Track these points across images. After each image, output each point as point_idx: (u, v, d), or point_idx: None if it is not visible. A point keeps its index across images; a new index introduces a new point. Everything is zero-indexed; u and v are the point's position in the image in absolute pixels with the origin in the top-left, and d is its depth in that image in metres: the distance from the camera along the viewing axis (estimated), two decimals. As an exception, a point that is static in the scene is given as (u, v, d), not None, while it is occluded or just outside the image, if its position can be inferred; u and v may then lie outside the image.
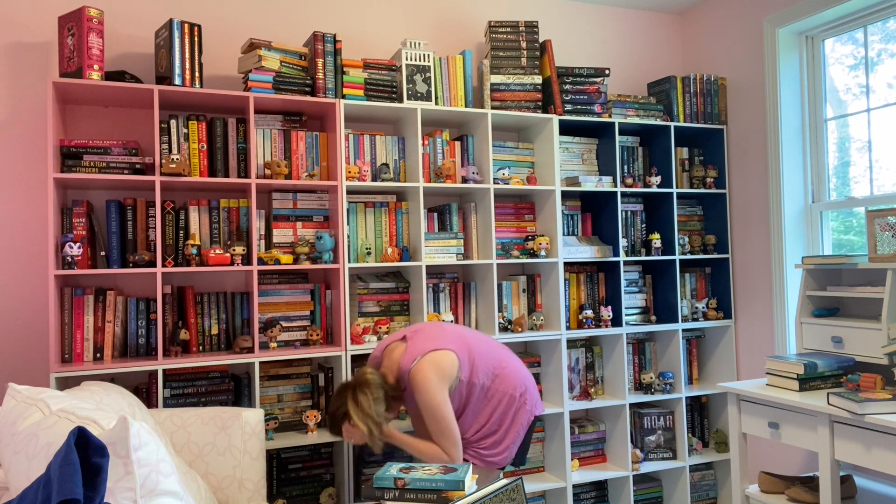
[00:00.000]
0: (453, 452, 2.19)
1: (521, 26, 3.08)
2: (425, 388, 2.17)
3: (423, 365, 2.20)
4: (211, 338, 2.67)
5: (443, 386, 2.19)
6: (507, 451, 2.34)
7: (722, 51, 3.50)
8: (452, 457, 2.19)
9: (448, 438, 2.18)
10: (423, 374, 2.18)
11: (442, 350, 2.24)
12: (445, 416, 2.18)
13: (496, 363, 2.36)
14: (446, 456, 2.19)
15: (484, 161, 2.98)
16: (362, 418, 2.16)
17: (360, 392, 2.19)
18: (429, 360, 2.21)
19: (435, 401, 2.17)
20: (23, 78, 2.57)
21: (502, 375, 2.35)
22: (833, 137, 3.12)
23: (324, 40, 2.72)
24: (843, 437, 2.23)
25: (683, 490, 3.24)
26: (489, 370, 2.33)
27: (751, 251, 3.33)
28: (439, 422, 2.17)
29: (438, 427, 2.18)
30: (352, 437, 2.23)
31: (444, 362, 2.21)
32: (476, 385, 2.30)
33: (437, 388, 2.18)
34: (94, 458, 1.09)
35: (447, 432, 2.18)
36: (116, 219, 2.53)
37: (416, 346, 2.27)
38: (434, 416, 2.17)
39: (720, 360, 3.47)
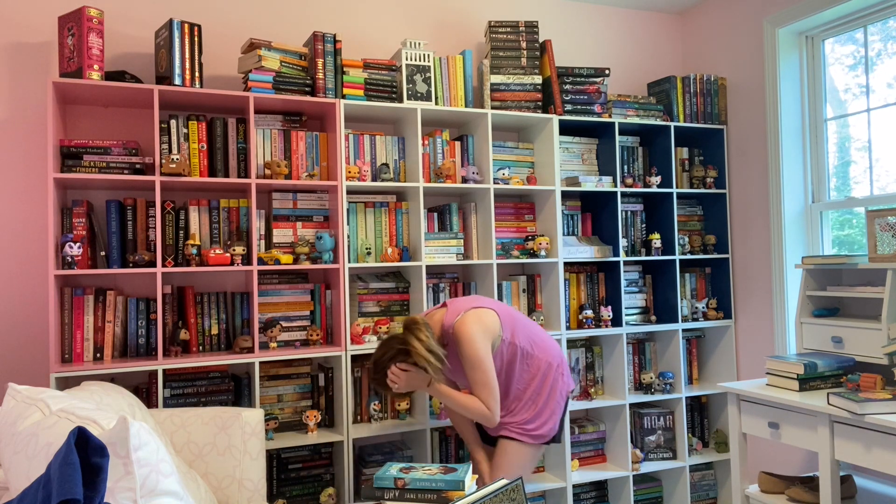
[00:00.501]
0: (492, 404, 2.20)
1: (521, 26, 3.08)
2: (469, 339, 2.18)
3: (466, 318, 2.23)
4: (211, 338, 2.67)
5: (486, 340, 2.21)
6: (549, 421, 2.34)
7: (722, 51, 3.50)
8: (491, 408, 2.19)
9: (488, 389, 2.19)
10: (467, 326, 2.20)
11: (484, 308, 2.28)
12: (487, 369, 2.19)
13: (534, 333, 2.39)
14: (485, 409, 2.19)
15: (484, 161, 2.98)
16: (426, 351, 2.14)
17: (417, 329, 2.19)
18: (472, 315, 2.24)
19: (479, 352, 2.18)
20: (23, 78, 2.57)
21: (540, 345, 2.37)
22: (833, 137, 3.12)
23: (324, 40, 2.72)
24: (843, 437, 2.23)
25: (683, 490, 3.24)
26: (528, 337, 2.35)
27: (751, 251, 3.33)
28: (482, 372, 2.18)
29: (480, 378, 2.18)
30: (398, 381, 2.19)
31: (487, 319, 2.25)
32: (518, 347, 2.31)
33: (481, 341, 2.20)
34: (94, 458, 1.09)
35: (488, 383, 2.19)
36: (116, 219, 2.53)
37: (458, 306, 2.30)
38: (477, 366, 2.18)
39: (720, 360, 3.47)
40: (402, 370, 2.20)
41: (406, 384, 2.21)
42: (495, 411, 2.20)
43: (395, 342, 2.22)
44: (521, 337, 2.34)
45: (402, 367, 2.19)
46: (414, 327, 2.21)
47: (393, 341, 2.23)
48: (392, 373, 2.21)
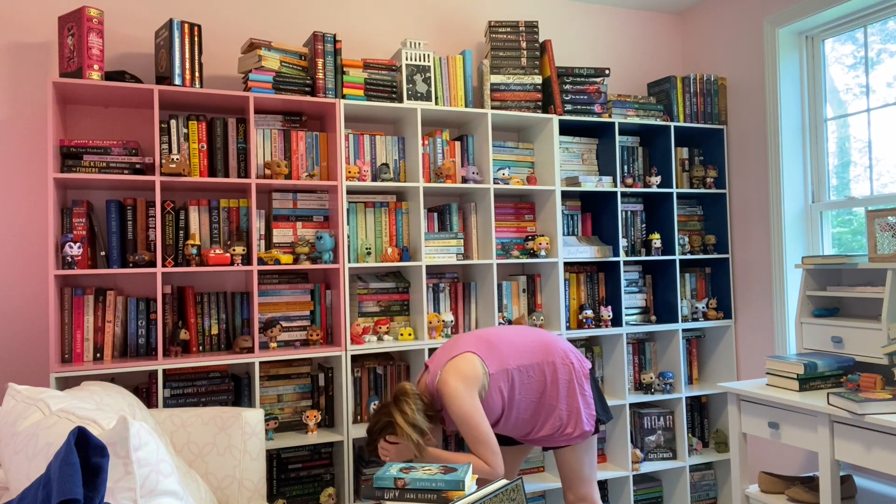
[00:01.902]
0: (491, 459, 2.13)
1: (521, 26, 3.08)
2: (453, 397, 2.14)
3: (445, 376, 2.18)
4: (211, 338, 2.67)
5: (470, 391, 2.15)
6: (582, 415, 2.28)
7: (722, 51, 3.50)
8: (492, 464, 2.13)
9: (484, 445, 2.13)
10: (448, 384, 2.16)
11: (458, 355, 2.22)
12: (478, 423, 2.13)
13: (523, 343, 2.32)
14: (486, 466, 2.12)
15: (484, 161, 2.98)
16: (407, 426, 2.12)
17: (403, 402, 2.16)
18: (448, 370, 2.19)
19: (464, 408, 2.13)
20: (23, 78, 2.57)
21: (535, 351, 2.30)
22: (833, 137, 3.12)
23: (324, 40, 2.72)
24: (843, 437, 2.23)
25: (683, 490, 3.24)
26: (518, 352, 2.28)
27: (751, 251, 3.33)
28: (473, 429, 2.13)
29: (473, 434, 2.13)
30: (389, 454, 2.19)
31: (462, 366, 2.19)
32: (512, 370, 2.24)
33: (465, 395, 2.14)
34: (94, 458, 1.09)
35: (482, 439, 2.13)
36: (116, 219, 2.53)
37: (435, 365, 2.26)
38: (467, 423, 2.13)
39: (720, 360, 3.47)
40: (391, 443, 2.18)
41: (397, 456, 2.19)
42: (496, 465, 2.13)
43: (383, 414, 2.20)
44: (511, 358, 2.27)
45: (391, 441, 2.18)
46: (401, 399, 2.18)
47: (382, 412, 2.21)
48: (382, 447, 2.21)
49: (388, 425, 2.17)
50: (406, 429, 2.12)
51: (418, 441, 2.12)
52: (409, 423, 2.12)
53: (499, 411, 2.25)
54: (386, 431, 2.18)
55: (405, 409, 2.15)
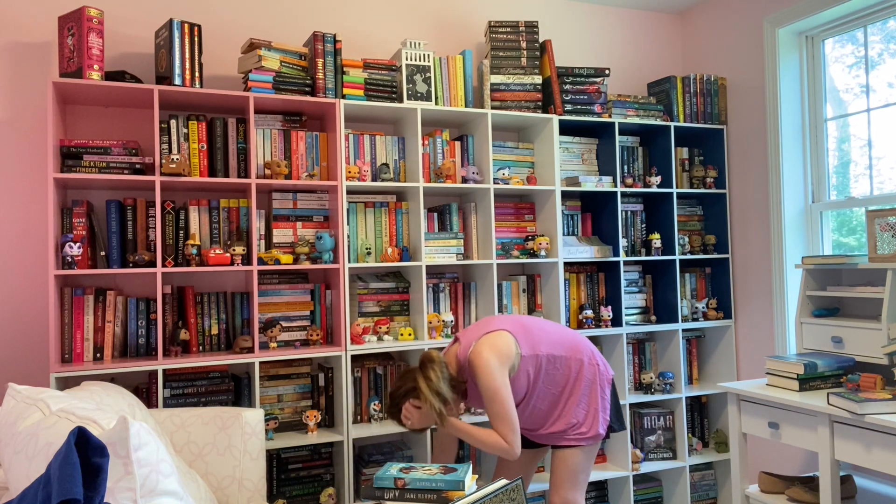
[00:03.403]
0: (511, 437, 2.12)
1: (521, 26, 3.08)
2: (484, 369, 2.13)
3: (479, 347, 2.17)
4: (211, 338, 2.67)
5: (502, 368, 2.15)
6: (597, 418, 2.27)
7: (722, 51, 3.50)
8: (510, 442, 2.11)
9: (505, 422, 2.12)
10: (481, 356, 2.15)
11: (495, 331, 2.22)
12: (504, 399, 2.12)
13: (555, 334, 2.31)
14: (504, 443, 2.11)
15: (484, 161, 2.98)
16: (431, 392, 2.12)
17: (428, 368, 2.17)
18: (483, 342, 2.18)
19: (494, 382, 2.12)
20: (23, 78, 2.57)
21: (565, 344, 2.30)
22: (833, 137, 3.12)
23: (324, 40, 2.72)
24: (843, 437, 2.23)
25: (683, 490, 3.24)
26: (549, 341, 2.28)
27: (751, 251, 3.33)
28: (498, 404, 2.12)
29: (497, 410, 2.12)
30: (411, 418, 2.19)
31: (498, 342, 2.18)
32: (542, 356, 2.24)
33: (496, 370, 2.13)
34: (94, 458, 1.09)
35: (505, 416, 2.12)
36: (116, 219, 2.53)
37: (469, 337, 2.26)
38: (493, 398, 2.12)
39: (720, 360, 3.47)
40: (414, 407, 2.18)
41: (419, 421, 2.19)
42: (514, 444, 2.12)
43: (409, 379, 2.20)
44: (543, 345, 2.27)
45: (414, 405, 2.18)
46: (427, 365, 2.18)
47: (407, 377, 2.21)
48: (406, 409, 2.20)
49: (411, 391, 2.17)
50: (429, 395, 2.12)
51: (441, 409, 2.12)
52: (432, 391, 2.12)
53: (522, 395, 2.25)
54: (409, 396, 2.17)
55: (430, 376, 2.15)
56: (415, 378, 2.17)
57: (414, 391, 2.17)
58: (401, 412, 2.22)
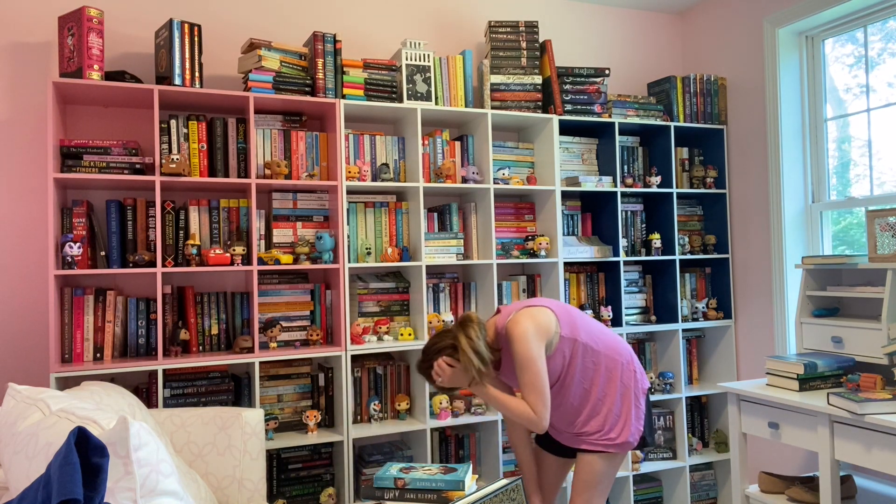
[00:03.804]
0: (540, 408, 2.06)
1: (521, 26, 3.08)
2: (522, 337, 2.09)
3: (518, 317, 2.14)
4: (211, 338, 2.67)
5: (539, 339, 2.11)
6: (626, 426, 2.20)
7: (722, 51, 3.50)
8: (538, 412, 2.05)
9: (537, 392, 2.06)
10: (520, 324, 2.11)
11: (538, 307, 2.19)
12: (538, 371, 2.08)
13: (596, 329, 2.27)
14: (531, 412, 2.06)
15: (484, 161, 2.98)
16: (471, 350, 2.09)
17: (469, 327, 2.14)
18: (524, 313, 2.15)
19: (530, 352, 2.08)
20: (23, 78, 2.57)
21: (604, 341, 2.25)
22: (833, 137, 3.12)
23: (324, 40, 2.72)
24: (843, 437, 2.23)
25: (683, 490, 3.24)
26: (589, 333, 2.23)
27: (751, 251, 3.33)
28: (531, 374, 2.07)
29: (529, 380, 2.07)
30: (442, 375, 2.15)
31: (540, 317, 2.14)
32: (579, 343, 2.19)
33: (533, 340, 2.09)
34: (94, 458, 1.09)
35: (537, 386, 2.06)
36: (116, 219, 2.53)
37: (510, 308, 2.23)
38: (527, 367, 2.07)
39: (720, 360, 3.47)
40: (448, 365, 2.14)
41: (449, 380, 2.15)
42: (543, 416, 2.05)
43: (447, 336, 2.17)
44: (582, 333, 2.21)
45: (448, 363, 2.14)
46: (467, 325, 2.15)
47: (446, 335, 2.18)
48: (438, 366, 2.15)
49: (448, 347, 2.14)
50: (469, 353, 2.09)
51: (480, 367, 2.10)
52: (472, 349, 2.10)
53: (555, 378, 2.19)
54: (444, 353, 2.14)
55: (471, 335, 2.12)
56: (454, 336, 2.14)
57: (450, 348, 2.13)
58: (432, 368, 2.17)
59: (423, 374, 2.21)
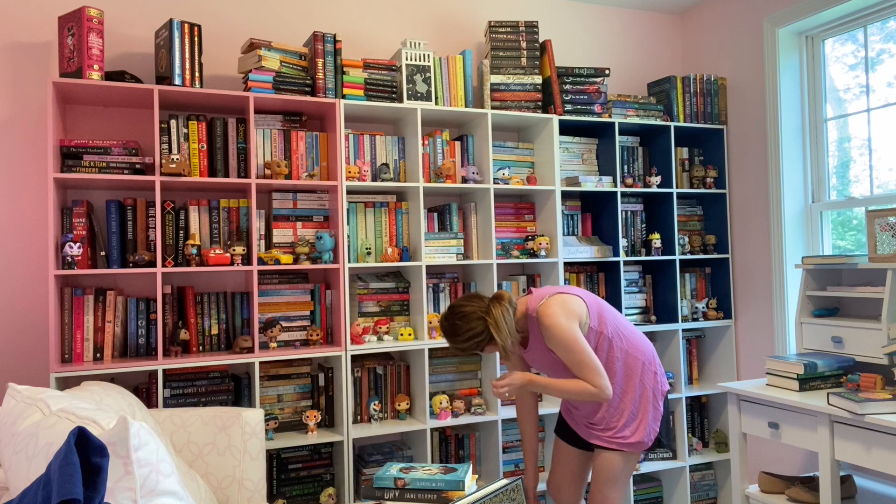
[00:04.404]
0: (597, 380, 2.07)
1: (521, 26, 3.08)
2: (556, 324, 2.11)
3: (550, 302, 2.16)
4: (211, 338, 2.67)
5: (573, 322, 2.13)
6: (642, 426, 2.21)
7: (722, 51, 3.50)
8: (598, 385, 2.07)
9: (588, 368, 2.07)
10: (552, 311, 2.13)
11: (569, 294, 2.21)
12: (583, 347, 2.09)
13: (622, 325, 2.28)
14: (592, 387, 2.07)
15: (484, 161, 2.98)
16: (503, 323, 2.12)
17: (500, 304, 2.16)
18: (557, 300, 2.16)
19: (569, 334, 2.09)
20: (23, 78, 2.57)
21: (628, 339, 2.26)
22: (833, 137, 3.12)
23: (324, 40, 2.72)
24: (843, 437, 2.23)
25: (683, 490, 3.24)
26: (616, 328, 2.24)
27: (751, 251, 3.33)
28: (575, 353, 2.08)
29: (577, 358, 2.08)
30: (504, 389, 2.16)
31: (572, 303, 2.16)
32: (605, 337, 2.21)
33: (569, 323, 2.11)
34: (94, 458, 1.09)
35: (586, 361, 2.08)
36: (116, 219, 2.53)
37: (543, 292, 2.24)
38: (571, 347, 2.09)
39: (720, 360, 3.47)
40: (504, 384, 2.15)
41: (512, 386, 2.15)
42: (602, 386, 2.06)
43: (478, 308, 2.17)
44: (609, 327, 2.22)
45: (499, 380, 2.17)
46: (499, 301, 2.17)
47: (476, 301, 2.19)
48: (498, 386, 2.16)
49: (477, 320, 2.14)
50: (500, 322, 2.12)
51: (506, 344, 2.13)
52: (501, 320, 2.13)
53: None
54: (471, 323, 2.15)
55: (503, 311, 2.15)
56: (486, 310, 2.16)
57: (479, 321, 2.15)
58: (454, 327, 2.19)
59: (444, 334, 2.23)
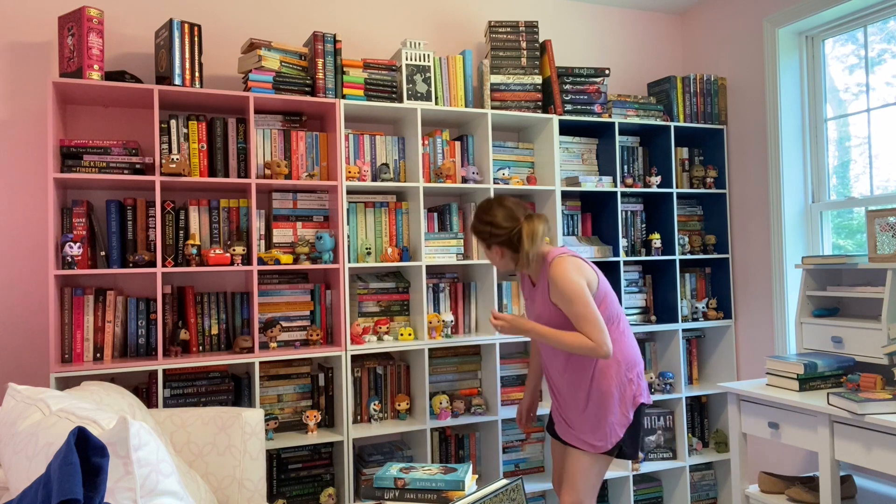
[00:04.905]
0: (597, 335, 2.08)
1: (521, 26, 3.08)
2: (565, 275, 2.15)
3: (565, 258, 2.21)
4: (211, 338, 2.67)
5: (582, 279, 2.16)
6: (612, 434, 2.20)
7: (722, 51, 3.50)
8: (597, 340, 2.09)
9: (589, 322, 2.10)
10: (565, 265, 2.18)
11: (585, 262, 2.26)
12: (588, 301, 2.12)
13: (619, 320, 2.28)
14: (589, 341, 2.09)
15: (484, 161, 2.98)
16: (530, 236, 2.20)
17: (538, 224, 2.23)
18: (571, 259, 2.22)
19: (576, 286, 2.13)
20: (23, 78, 2.57)
21: (617, 335, 2.24)
22: (833, 137, 3.12)
23: (324, 40, 2.72)
24: (843, 437, 2.23)
25: (683, 490, 3.24)
26: (611, 318, 2.25)
27: (751, 251, 3.33)
28: (582, 305, 2.11)
29: (580, 311, 2.11)
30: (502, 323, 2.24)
31: (586, 269, 2.22)
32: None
33: (578, 279, 2.15)
34: (94, 458, 1.09)
35: (588, 315, 2.10)
36: (116, 219, 2.53)
37: (561, 250, 2.30)
38: (575, 299, 2.12)
39: (720, 360, 3.47)
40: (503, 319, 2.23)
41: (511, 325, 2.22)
42: (601, 342, 2.08)
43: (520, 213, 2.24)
44: (606, 313, 2.23)
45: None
46: (540, 219, 2.25)
47: (520, 212, 2.25)
48: (498, 318, 2.24)
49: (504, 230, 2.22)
50: (535, 233, 2.20)
51: (528, 252, 2.21)
52: (536, 233, 2.21)
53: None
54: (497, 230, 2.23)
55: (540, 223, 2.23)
56: (529, 216, 2.24)
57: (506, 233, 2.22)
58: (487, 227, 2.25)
59: (479, 207, 2.31)
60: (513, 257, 2.27)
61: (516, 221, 2.23)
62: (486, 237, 2.27)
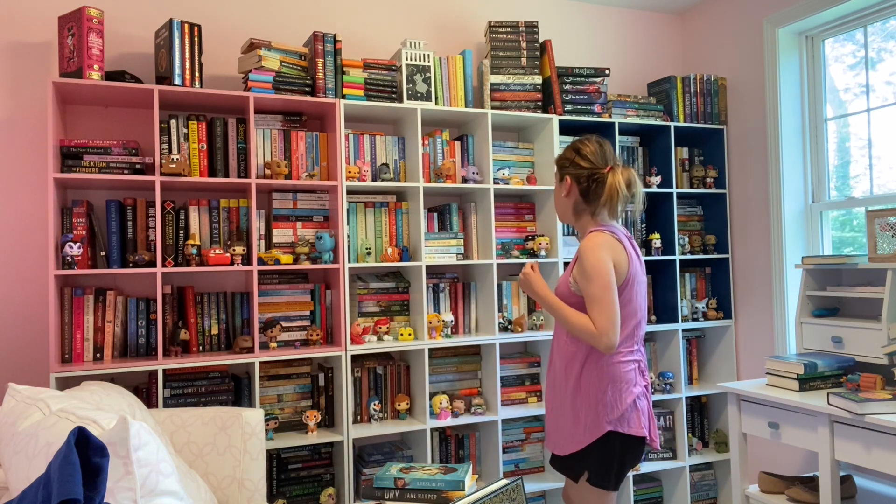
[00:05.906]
0: (602, 322, 1.87)
1: (521, 26, 3.08)
2: (593, 251, 1.94)
3: (601, 232, 2.01)
4: (211, 338, 2.67)
5: (611, 261, 1.94)
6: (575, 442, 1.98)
7: (722, 51, 3.50)
8: (601, 328, 1.87)
9: (599, 306, 1.88)
10: (596, 238, 1.98)
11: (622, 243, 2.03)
12: (606, 284, 1.90)
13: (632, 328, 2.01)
14: (591, 326, 1.89)
15: (484, 161, 2.98)
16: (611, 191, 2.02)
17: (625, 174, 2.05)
18: (607, 236, 2.00)
19: (600, 263, 1.91)
20: (23, 78, 2.57)
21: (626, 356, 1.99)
22: (833, 137, 3.12)
23: (324, 40, 2.72)
24: (843, 437, 2.23)
25: (683, 490, 3.24)
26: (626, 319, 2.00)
27: (751, 251, 3.33)
28: (599, 287, 1.89)
29: (594, 292, 1.90)
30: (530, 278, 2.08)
31: (621, 256, 1.98)
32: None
33: (606, 258, 1.93)
34: (94, 458, 1.09)
35: (602, 301, 1.89)
36: (116, 219, 2.53)
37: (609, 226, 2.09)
38: (593, 278, 1.90)
39: (720, 360, 3.47)
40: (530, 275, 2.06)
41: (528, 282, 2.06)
42: (604, 331, 1.86)
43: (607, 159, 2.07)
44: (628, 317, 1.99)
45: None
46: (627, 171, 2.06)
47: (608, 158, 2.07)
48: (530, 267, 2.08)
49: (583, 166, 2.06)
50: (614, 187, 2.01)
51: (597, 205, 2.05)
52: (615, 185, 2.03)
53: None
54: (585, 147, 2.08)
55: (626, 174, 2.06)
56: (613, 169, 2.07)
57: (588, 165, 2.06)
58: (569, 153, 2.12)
59: (556, 160, 2.19)
60: (577, 203, 2.08)
61: (605, 164, 2.05)
62: (565, 164, 2.10)
